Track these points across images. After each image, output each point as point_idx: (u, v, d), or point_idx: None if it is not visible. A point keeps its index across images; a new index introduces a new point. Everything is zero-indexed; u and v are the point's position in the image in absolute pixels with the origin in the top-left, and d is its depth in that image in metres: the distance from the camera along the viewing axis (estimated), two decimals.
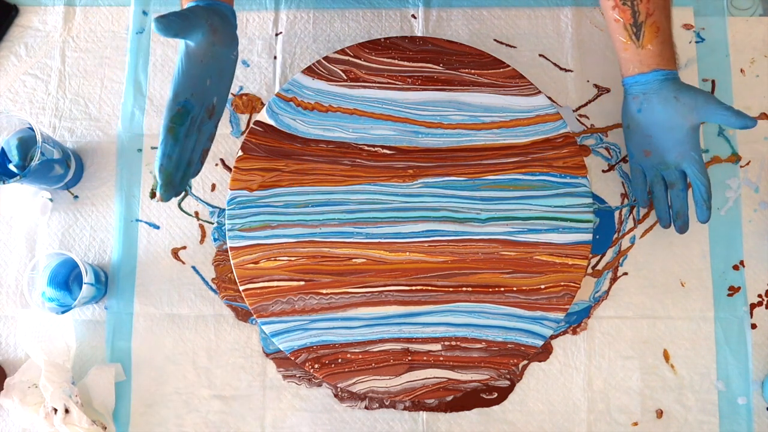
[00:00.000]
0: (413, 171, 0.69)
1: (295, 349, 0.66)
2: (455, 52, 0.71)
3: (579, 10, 0.75)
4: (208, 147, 0.56)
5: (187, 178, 0.53)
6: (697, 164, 0.64)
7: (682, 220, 0.66)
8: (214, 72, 0.52)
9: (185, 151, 0.51)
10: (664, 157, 0.65)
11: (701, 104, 0.62)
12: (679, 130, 0.63)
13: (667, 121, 0.63)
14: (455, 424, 0.67)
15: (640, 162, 0.67)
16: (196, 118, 0.51)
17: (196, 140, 0.53)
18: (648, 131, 0.65)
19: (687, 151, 0.64)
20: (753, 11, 0.74)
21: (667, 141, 0.64)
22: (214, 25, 0.51)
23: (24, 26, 0.76)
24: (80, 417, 0.63)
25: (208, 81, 0.51)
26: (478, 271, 0.67)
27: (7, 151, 0.68)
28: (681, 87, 0.63)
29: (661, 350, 0.68)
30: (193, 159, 0.53)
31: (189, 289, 0.70)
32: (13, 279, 0.71)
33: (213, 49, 0.52)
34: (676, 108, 0.63)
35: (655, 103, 0.63)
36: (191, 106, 0.50)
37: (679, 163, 0.65)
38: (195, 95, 0.50)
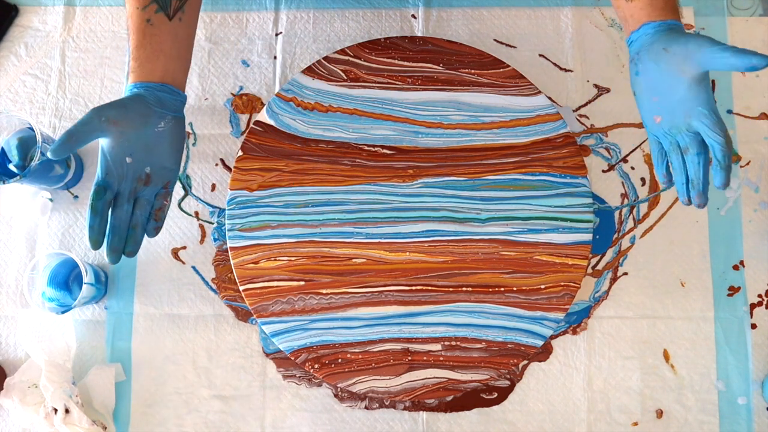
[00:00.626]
0: (413, 171, 0.69)
1: (295, 349, 0.66)
2: (455, 52, 0.71)
3: (579, 10, 0.75)
4: (160, 206, 0.60)
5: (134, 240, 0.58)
6: (708, 119, 0.53)
7: (697, 189, 0.55)
8: (135, 150, 0.58)
9: (119, 220, 0.57)
10: (673, 119, 0.56)
11: (693, 50, 0.52)
12: (679, 86, 0.54)
13: (663, 78, 0.55)
14: (455, 424, 0.67)
15: (654, 130, 0.58)
16: (123, 191, 0.58)
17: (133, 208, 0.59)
18: (652, 93, 0.57)
19: (694, 107, 0.54)
20: (753, 11, 0.74)
21: (672, 100, 0.55)
22: (113, 119, 0.56)
23: (24, 26, 0.76)
24: (80, 417, 0.63)
25: (128, 159, 0.58)
26: (478, 271, 0.67)
27: (7, 151, 0.68)
28: (672, 36, 0.54)
29: (661, 350, 0.68)
30: (136, 223, 0.58)
31: (189, 289, 0.70)
32: (13, 279, 0.71)
33: (124, 135, 0.57)
34: (669, 61, 0.54)
35: (647, 61, 0.56)
36: (107, 184, 0.57)
37: (689, 123, 0.55)
38: (111, 175, 0.57)
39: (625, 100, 0.72)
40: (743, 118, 0.72)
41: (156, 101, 0.58)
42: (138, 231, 0.59)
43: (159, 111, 0.58)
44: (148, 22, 0.58)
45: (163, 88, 0.59)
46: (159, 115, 0.59)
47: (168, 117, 0.59)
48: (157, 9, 0.58)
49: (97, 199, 0.56)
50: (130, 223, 0.58)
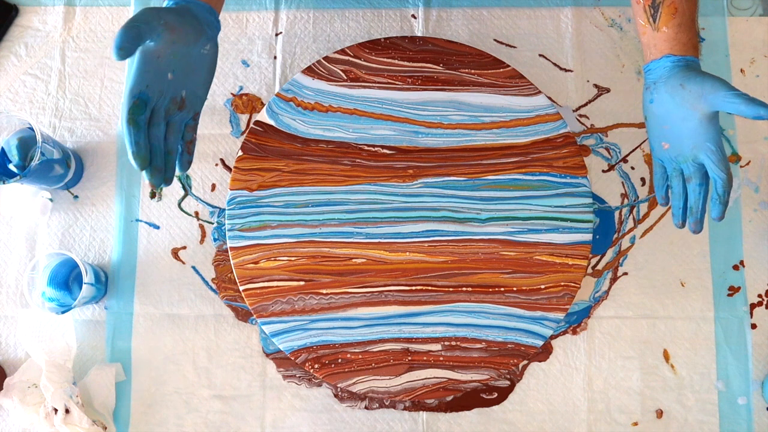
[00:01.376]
0: (413, 171, 0.69)
1: (295, 349, 0.66)
2: (455, 52, 0.71)
3: (579, 10, 0.75)
4: (190, 138, 0.57)
5: (171, 165, 0.54)
6: (714, 156, 0.57)
7: (695, 217, 0.60)
8: (177, 67, 0.54)
9: (155, 139, 0.53)
10: (681, 148, 0.60)
11: (708, 91, 0.56)
12: (691, 120, 0.58)
13: (676, 110, 0.59)
14: (455, 424, 0.67)
15: (660, 155, 0.62)
16: (159, 108, 0.53)
17: (166, 131, 0.54)
18: (663, 122, 0.60)
19: (702, 142, 0.58)
20: (753, 11, 0.74)
21: (682, 132, 0.59)
22: (170, 24, 0.52)
23: (24, 26, 0.76)
24: (81, 417, 0.63)
25: (170, 75, 0.53)
26: (478, 271, 0.67)
27: (7, 151, 0.68)
28: (689, 74, 0.58)
29: (661, 350, 0.68)
30: (170, 148, 0.54)
31: (189, 289, 0.70)
32: (13, 279, 0.71)
33: (173, 47, 0.53)
34: (684, 97, 0.58)
35: (663, 92, 0.59)
36: (147, 97, 0.52)
37: (696, 155, 0.59)
38: (151, 87, 0.52)
39: (625, 100, 0.73)
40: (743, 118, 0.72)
41: (205, 21, 0.56)
42: (173, 157, 0.55)
43: (207, 32, 0.56)
44: None
45: (209, 9, 0.56)
46: (207, 37, 0.56)
47: (212, 41, 0.57)
48: None
49: (139, 113, 0.51)
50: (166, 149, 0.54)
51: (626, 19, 0.74)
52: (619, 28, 0.74)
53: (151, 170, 0.53)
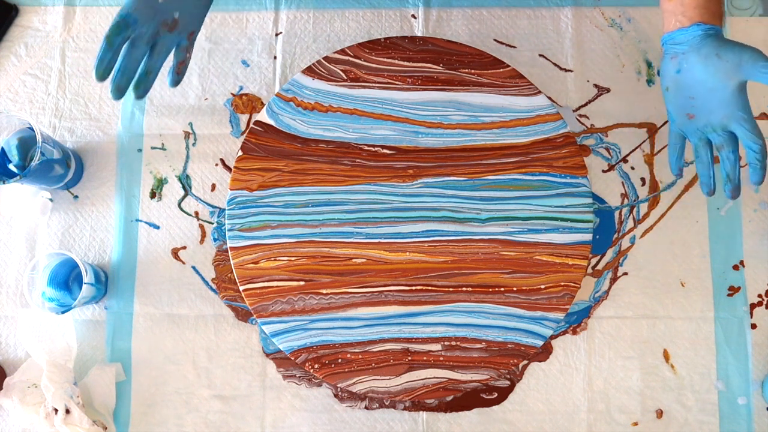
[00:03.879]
0: (413, 171, 0.69)
1: (295, 349, 0.66)
2: (455, 52, 0.71)
3: (579, 10, 0.75)
4: (182, 58, 0.58)
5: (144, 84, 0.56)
6: (747, 123, 0.58)
7: (733, 183, 0.60)
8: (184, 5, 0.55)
9: (131, 60, 0.54)
10: (709, 119, 0.60)
11: (746, 61, 0.57)
12: (723, 90, 0.58)
13: (709, 80, 0.58)
14: (455, 424, 0.67)
15: (683, 126, 0.62)
16: (145, 32, 0.54)
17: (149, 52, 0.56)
18: (690, 92, 0.60)
19: (734, 111, 0.58)
20: (753, 11, 0.74)
21: (712, 102, 0.59)
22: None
23: (24, 26, 0.76)
24: (81, 417, 0.63)
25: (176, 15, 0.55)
26: (478, 271, 0.67)
27: (7, 151, 0.68)
28: (723, 43, 0.58)
29: (661, 350, 0.68)
30: (151, 68, 0.56)
31: (189, 289, 0.70)
32: (13, 279, 0.71)
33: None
34: (718, 66, 0.58)
35: (695, 62, 0.59)
36: (132, 19, 0.53)
37: (726, 125, 0.59)
38: (140, 10, 0.53)
39: (625, 100, 0.73)
40: None
41: None
42: (152, 76, 0.56)
43: None
44: None
45: None
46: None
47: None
48: None
49: (116, 33, 0.52)
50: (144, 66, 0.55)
51: (626, 19, 0.74)
52: (619, 28, 0.74)
53: (114, 86, 0.54)
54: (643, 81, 0.73)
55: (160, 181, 0.72)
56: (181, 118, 0.73)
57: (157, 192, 0.72)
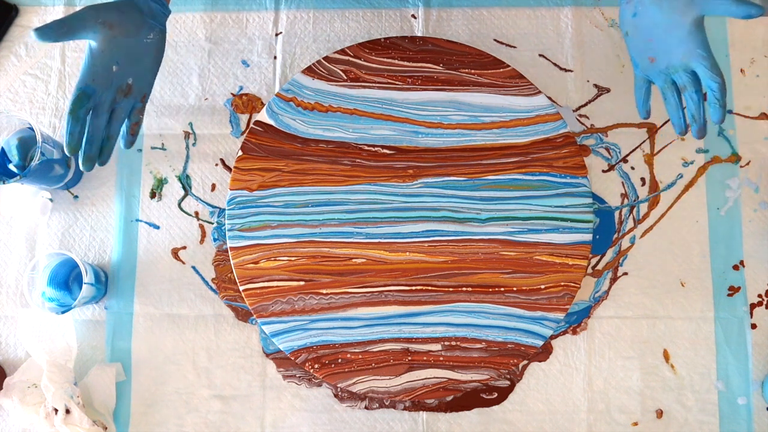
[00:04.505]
0: (413, 171, 0.69)
1: (295, 349, 0.66)
2: (455, 52, 0.71)
3: (579, 10, 0.75)
4: (136, 120, 0.61)
5: (107, 150, 0.59)
6: (706, 61, 0.57)
7: (699, 123, 0.59)
8: (121, 59, 0.58)
9: (95, 128, 0.57)
10: (670, 59, 0.59)
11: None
12: (679, 28, 0.58)
13: (664, 20, 0.58)
14: (455, 424, 0.67)
15: (646, 71, 0.62)
16: (104, 100, 0.57)
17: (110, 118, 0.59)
18: (648, 35, 0.60)
19: (693, 49, 0.58)
20: None
21: (670, 42, 0.59)
22: (109, 21, 0.56)
23: (24, 26, 0.76)
24: (81, 417, 0.63)
25: (114, 67, 0.57)
26: (478, 271, 0.67)
27: (7, 151, 0.68)
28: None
29: (661, 350, 0.68)
30: (111, 134, 0.59)
31: (189, 289, 0.70)
32: (13, 279, 0.71)
33: (114, 41, 0.57)
34: (672, 4, 0.57)
35: (649, 4, 0.58)
36: (91, 90, 0.56)
37: (687, 64, 0.58)
38: (96, 81, 0.56)
39: (625, 100, 0.72)
40: (743, 118, 0.72)
41: (148, 11, 0.59)
42: (113, 142, 0.59)
43: (150, 22, 0.59)
44: None
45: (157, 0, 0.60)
46: (149, 26, 0.60)
47: (156, 29, 0.60)
48: None
49: (80, 106, 0.56)
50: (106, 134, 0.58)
51: None
52: (619, 27, 0.74)
53: (84, 157, 0.57)
54: None
55: (160, 181, 0.72)
56: (181, 118, 0.73)
57: (157, 192, 0.72)
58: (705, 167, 0.71)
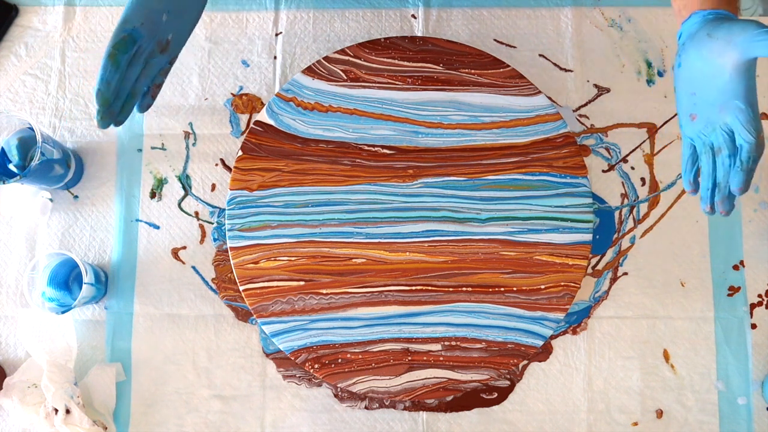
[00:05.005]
0: (413, 171, 0.69)
1: (295, 349, 0.66)
2: (455, 52, 0.71)
3: (579, 10, 0.75)
4: (160, 82, 0.56)
5: (128, 108, 0.53)
6: (743, 115, 0.48)
7: (722, 193, 0.50)
8: (172, 8, 0.52)
9: (127, 81, 0.52)
10: (710, 115, 0.50)
11: (737, 33, 0.46)
12: (720, 76, 0.48)
13: (704, 67, 0.49)
14: (455, 424, 0.67)
15: (689, 131, 0.53)
16: (144, 50, 0.52)
17: (141, 72, 0.53)
18: (691, 88, 0.51)
19: (730, 99, 0.48)
20: (753, 11, 0.74)
21: (710, 93, 0.50)
22: None
23: (24, 26, 0.76)
24: (81, 417, 0.63)
25: (164, 16, 0.52)
26: (478, 271, 0.67)
27: (7, 151, 0.68)
28: (718, 22, 0.49)
29: (661, 350, 0.68)
30: (136, 90, 0.53)
31: (189, 289, 0.70)
32: (13, 279, 0.71)
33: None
34: (711, 47, 0.48)
35: (690, 50, 0.50)
36: (138, 35, 0.50)
37: (725, 120, 0.49)
38: (145, 26, 0.51)
39: (625, 100, 0.73)
40: None
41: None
42: (135, 100, 0.54)
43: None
44: None
45: None
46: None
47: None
48: None
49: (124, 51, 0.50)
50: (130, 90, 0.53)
51: (626, 19, 0.74)
52: (619, 28, 0.74)
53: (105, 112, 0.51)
54: (643, 81, 0.73)
55: (160, 181, 0.72)
56: (181, 118, 0.73)
57: (157, 192, 0.72)
58: None
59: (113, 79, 0.50)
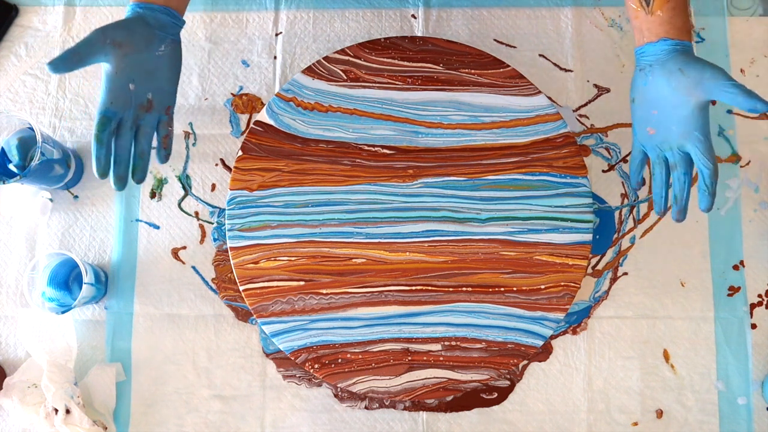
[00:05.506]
0: (413, 171, 0.69)
1: (295, 349, 0.66)
2: (455, 52, 0.71)
3: (579, 10, 0.75)
4: (165, 133, 0.61)
5: (141, 167, 0.60)
6: (702, 145, 0.57)
7: (679, 205, 0.59)
8: (136, 76, 0.58)
9: (122, 149, 0.58)
10: (668, 135, 0.59)
11: (708, 79, 0.56)
12: (684, 107, 0.57)
13: (671, 95, 0.58)
14: (455, 424, 0.67)
15: (643, 141, 0.62)
16: (127, 119, 0.58)
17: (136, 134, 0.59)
18: (652, 106, 0.60)
19: (691, 131, 0.57)
20: (753, 11, 0.74)
21: (671, 118, 0.58)
22: (117, 40, 0.57)
23: (24, 26, 0.76)
24: (81, 417, 0.63)
25: (131, 86, 0.58)
26: (478, 271, 0.67)
27: (7, 151, 0.68)
28: (689, 60, 0.58)
29: (661, 350, 0.68)
30: (141, 151, 0.59)
31: (189, 289, 0.70)
32: (13, 279, 0.71)
33: (127, 59, 0.58)
34: (681, 82, 0.57)
35: (659, 76, 0.58)
36: (111, 113, 0.57)
37: (683, 144, 0.58)
38: (115, 103, 0.57)
39: (625, 100, 0.72)
40: (743, 118, 0.72)
41: (157, 24, 0.59)
42: (145, 159, 0.60)
43: (160, 34, 0.60)
44: None
45: (164, 11, 0.60)
46: (160, 39, 0.60)
47: (168, 40, 0.60)
48: None
49: (102, 129, 0.57)
50: (135, 152, 0.59)
51: (626, 19, 0.74)
52: (619, 28, 0.74)
53: (114, 179, 0.58)
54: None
55: (160, 181, 0.72)
56: (181, 118, 0.73)
57: (157, 192, 0.72)
58: None
59: (102, 155, 0.57)
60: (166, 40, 0.60)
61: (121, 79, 0.57)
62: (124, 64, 0.57)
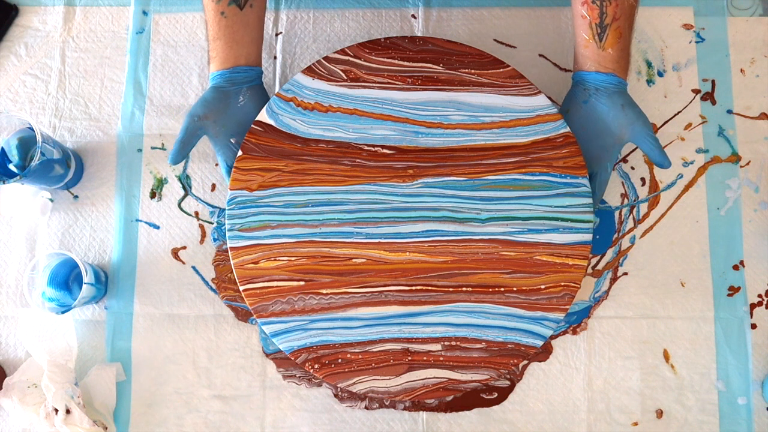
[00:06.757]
0: (413, 171, 0.69)
1: (295, 349, 0.66)
2: (455, 52, 0.71)
3: None
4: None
5: None
6: (603, 179, 0.66)
7: None
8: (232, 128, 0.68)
9: None
10: (588, 147, 0.66)
11: (638, 125, 0.64)
12: (608, 138, 0.65)
13: (604, 123, 0.65)
14: (455, 424, 0.67)
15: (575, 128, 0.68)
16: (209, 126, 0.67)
17: None
18: (584, 124, 0.66)
19: (603, 161, 0.66)
20: (753, 11, 0.74)
21: (594, 143, 0.66)
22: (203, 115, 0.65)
23: (24, 26, 0.76)
24: (81, 417, 0.63)
25: (233, 140, 0.68)
26: (478, 271, 0.67)
27: (7, 151, 0.68)
28: (630, 102, 0.65)
29: (661, 350, 0.68)
30: None
31: (189, 289, 0.70)
32: (13, 279, 0.71)
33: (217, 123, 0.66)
34: (618, 117, 0.64)
35: (603, 103, 0.65)
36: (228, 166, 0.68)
37: (593, 168, 0.66)
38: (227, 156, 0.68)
39: None
40: (743, 118, 0.72)
41: (229, 83, 0.66)
42: None
43: (234, 89, 0.66)
44: (222, 14, 0.64)
45: (235, 70, 0.66)
46: (235, 93, 0.67)
47: (243, 89, 0.67)
48: (229, 2, 0.64)
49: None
50: None
51: None
52: None
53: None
54: (643, 81, 0.73)
55: (160, 181, 0.72)
56: (181, 118, 0.73)
57: (157, 192, 0.72)
58: (705, 167, 0.71)
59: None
60: (242, 89, 0.67)
61: (223, 139, 0.67)
62: (218, 127, 0.66)
